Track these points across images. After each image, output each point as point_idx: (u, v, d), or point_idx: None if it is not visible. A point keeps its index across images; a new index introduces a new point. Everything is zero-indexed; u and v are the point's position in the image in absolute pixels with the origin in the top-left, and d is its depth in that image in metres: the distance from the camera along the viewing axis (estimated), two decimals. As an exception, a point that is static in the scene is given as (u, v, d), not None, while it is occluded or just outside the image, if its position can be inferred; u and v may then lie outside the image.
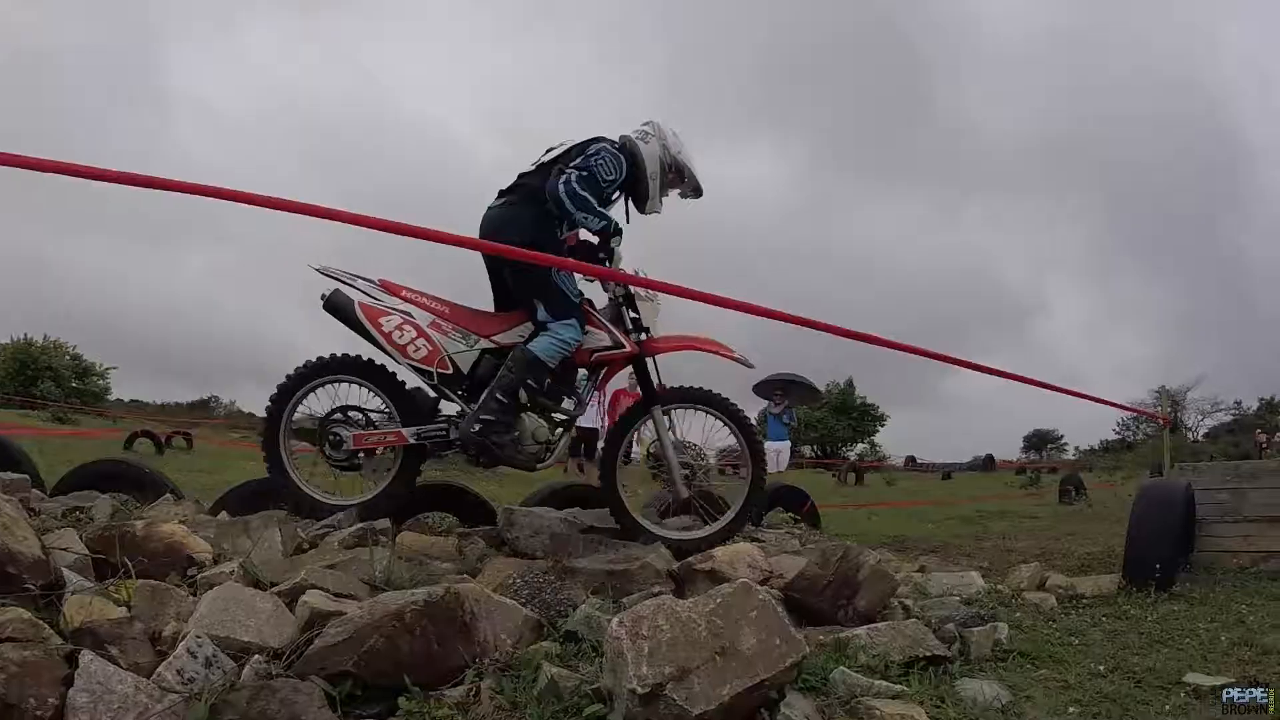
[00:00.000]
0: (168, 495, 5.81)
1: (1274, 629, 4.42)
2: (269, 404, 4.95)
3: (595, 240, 5.21)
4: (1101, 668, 3.73)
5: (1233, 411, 64.72)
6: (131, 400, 61.37)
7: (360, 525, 5.07)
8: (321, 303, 4.96)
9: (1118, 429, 65.53)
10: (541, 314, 4.99)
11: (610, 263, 5.14)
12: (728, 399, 5.39)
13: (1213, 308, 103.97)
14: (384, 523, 5.70)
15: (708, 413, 5.40)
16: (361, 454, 4.99)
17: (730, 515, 5.39)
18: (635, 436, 5.61)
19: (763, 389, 18.09)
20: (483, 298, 5.46)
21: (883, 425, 73.08)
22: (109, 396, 54.15)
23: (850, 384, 70.67)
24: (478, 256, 5.32)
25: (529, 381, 4.94)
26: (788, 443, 17.95)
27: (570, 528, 5.61)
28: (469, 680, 2.80)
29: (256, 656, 2.72)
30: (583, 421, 14.87)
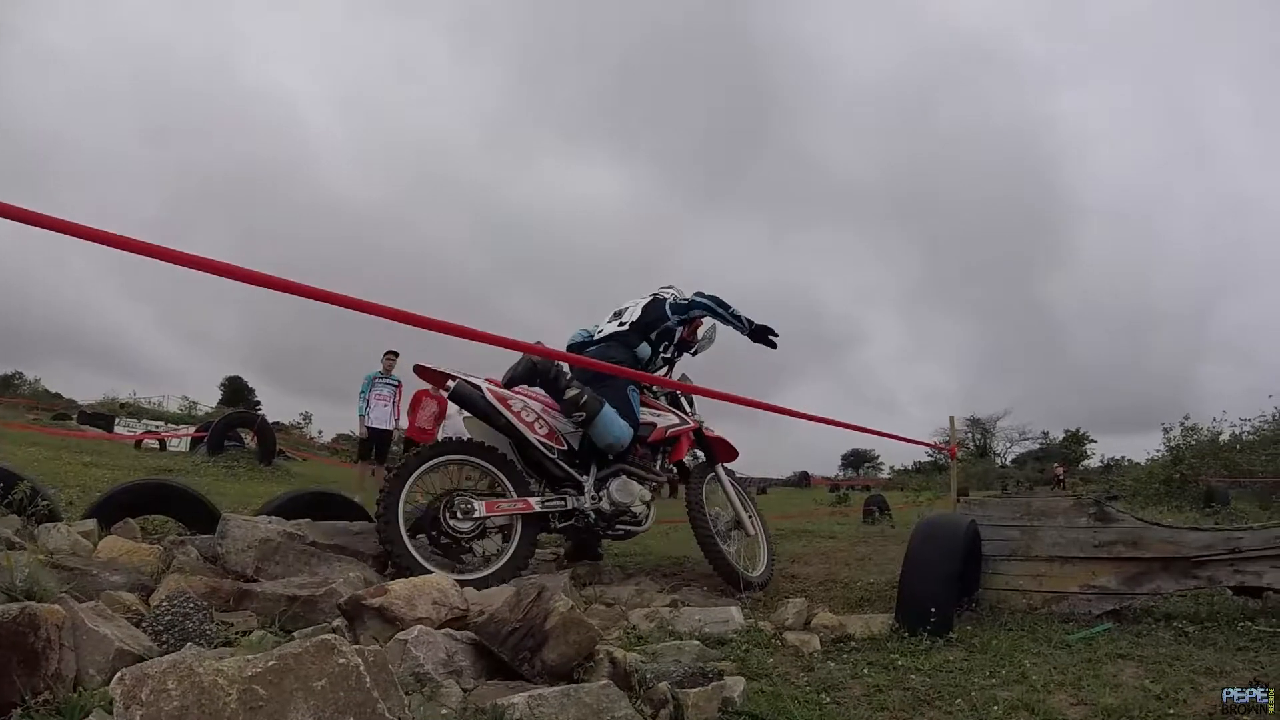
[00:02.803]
0: None
1: (1060, 687, 3.85)
2: (386, 482, 5.36)
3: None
4: (848, 738, 2.97)
5: (1040, 441, 68.28)
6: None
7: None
8: (447, 394, 5.84)
9: (930, 452, 68.13)
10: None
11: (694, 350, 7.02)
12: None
13: (1020, 348, 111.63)
14: (89, 524, 5.40)
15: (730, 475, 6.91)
16: (485, 525, 5.53)
17: (766, 561, 6.76)
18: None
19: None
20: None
21: (708, 439, 73.96)
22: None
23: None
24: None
25: (580, 413, 5.83)
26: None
27: (290, 542, 5.27)
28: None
29: None
30: (375, 423, 13.89)
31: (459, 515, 5.36)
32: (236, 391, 67.81)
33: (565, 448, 5.93)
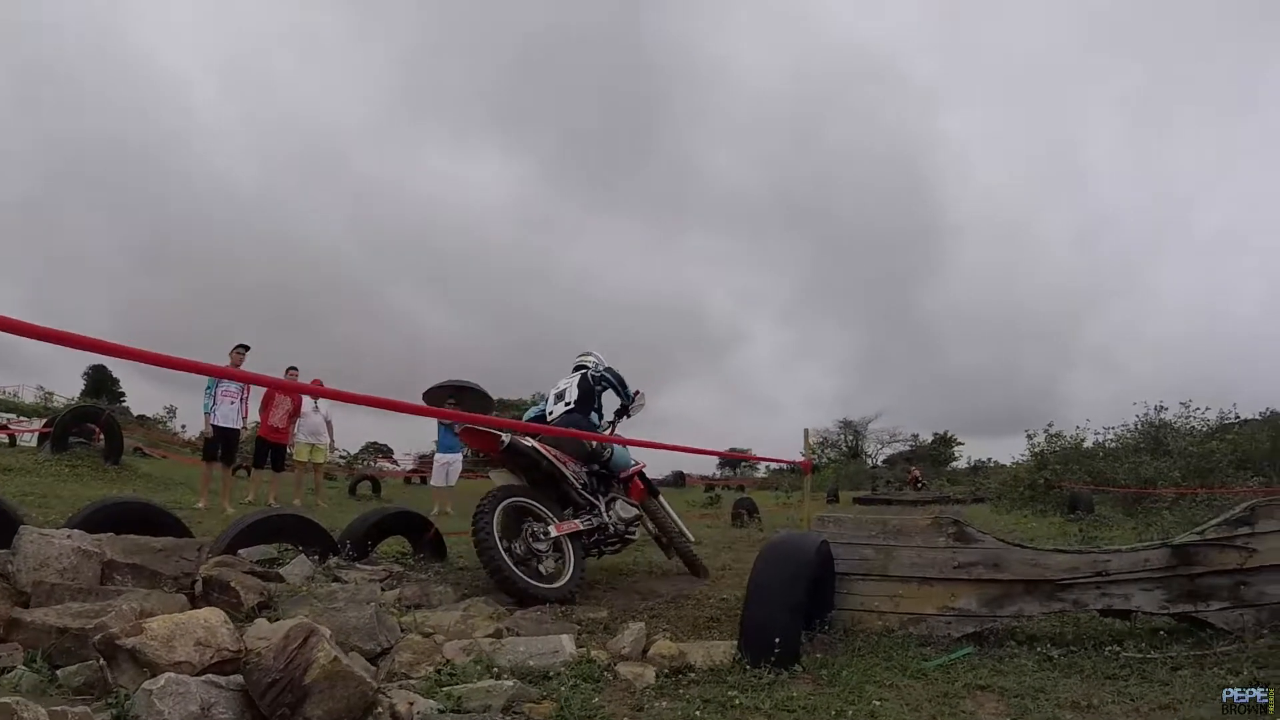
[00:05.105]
0: None
1: (913, 728, 3.47)
2: (480, 518, 6.19)
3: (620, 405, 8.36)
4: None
5: (909, 443, 70.34)
6: None
7: None
8: (502, 446, 6.80)
9: (804, 452, 69.53)
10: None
11: (630, 413, 8.27)
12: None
13: (894, 355, 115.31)
14: None
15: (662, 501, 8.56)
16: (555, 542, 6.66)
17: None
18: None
19: (434, 397, 16.71)
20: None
21: (585, 439, 74.36)
22: None
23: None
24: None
25: (607, 452, 7.74)
26: (459, 455, 16.67)
27: (85, 560, 4.77)
28: None
29: None
30: (222, 421, 13.06)
31: (541, 537, 6.51)
32: (100, 383, 64.90)
33: (584, 482, 7.37)
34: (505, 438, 6.88)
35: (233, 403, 13.30)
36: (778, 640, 4.25)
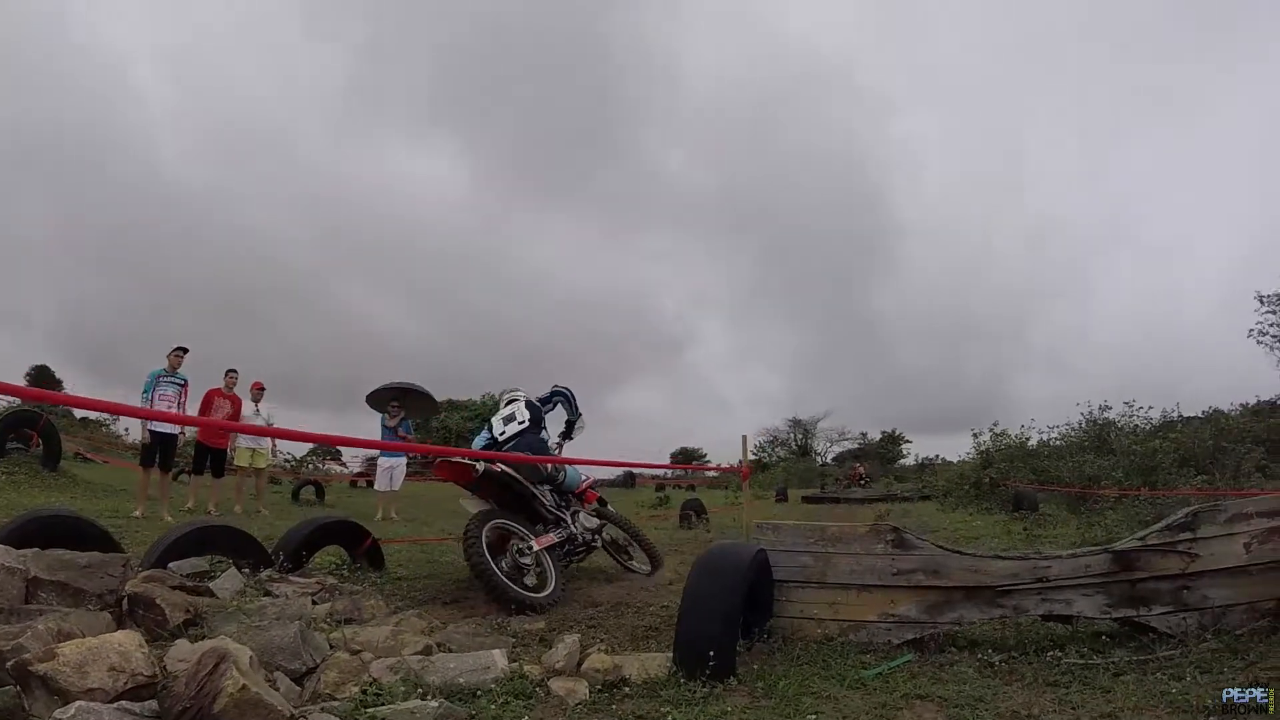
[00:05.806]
0: None
1: (850, 741, 3.43)
2: (470, 535, 6.53)
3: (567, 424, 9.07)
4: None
5: (858, 441, 71.13)
6: None
7: None
8: (476, 474, 7.27)
9: (755, 451, 70.03)
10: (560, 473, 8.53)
11: (572, 435, 9.01)
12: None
13: (844, 354, 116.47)
14: None
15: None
16: (538, 554, 7.08)
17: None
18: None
19: (377, 400, 16.50)
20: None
21: (534, 440, 74.41)
22: None
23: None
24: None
25: (560, 474, 8.37)
26: (403, 459, 16.45)
27: (10, 578, 4.63)
28: None
29: None
30: (159, 426, 12.72)
31: (525, 553, 6.97)
32: (42, 384, 63.50)
33: (550, 500, 8.03)
34: (479, 466, 7.32)
35: (170, 406, 12.88)
36: (713, 653, 4.19)
